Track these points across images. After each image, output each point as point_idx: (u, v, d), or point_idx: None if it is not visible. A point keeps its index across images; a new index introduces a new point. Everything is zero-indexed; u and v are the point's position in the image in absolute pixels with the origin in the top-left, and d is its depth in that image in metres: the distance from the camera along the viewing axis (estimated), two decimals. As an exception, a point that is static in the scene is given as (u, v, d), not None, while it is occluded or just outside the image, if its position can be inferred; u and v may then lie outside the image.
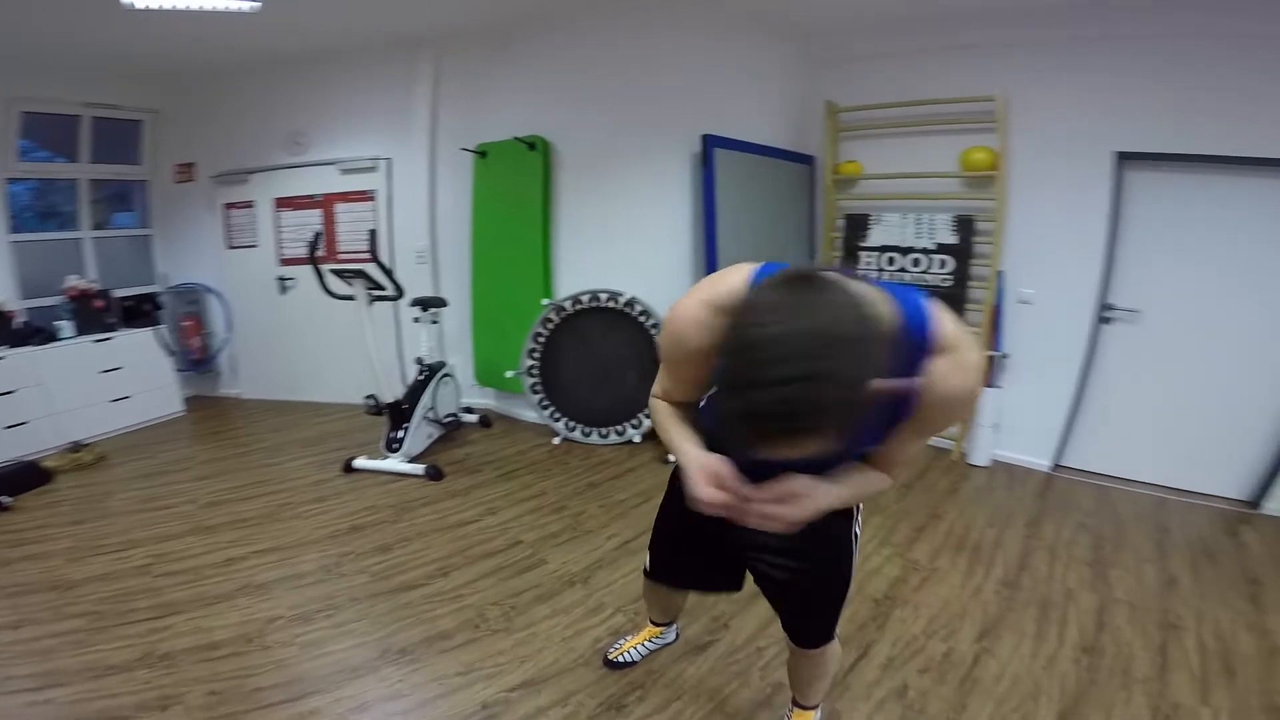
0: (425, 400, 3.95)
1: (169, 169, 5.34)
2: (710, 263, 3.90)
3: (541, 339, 4.16)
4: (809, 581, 1.48)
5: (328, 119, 4.91)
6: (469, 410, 4.56)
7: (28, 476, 3.66)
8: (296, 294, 5.06)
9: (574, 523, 3.11)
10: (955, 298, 4.02)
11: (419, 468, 3.66)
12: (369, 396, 3.93)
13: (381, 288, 3.87)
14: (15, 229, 4.61)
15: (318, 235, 4.02)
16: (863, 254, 4.29)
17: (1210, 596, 2.59)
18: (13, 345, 4.13)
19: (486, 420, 4.54)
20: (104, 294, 4.70)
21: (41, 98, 4.56)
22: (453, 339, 4.83)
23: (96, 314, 4.60)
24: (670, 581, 1.80)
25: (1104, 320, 3.74)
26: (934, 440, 4.18)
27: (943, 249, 4.05)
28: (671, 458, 1.27)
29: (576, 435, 4.16)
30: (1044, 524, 3.23)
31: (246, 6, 3.50)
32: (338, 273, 3.79)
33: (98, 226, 5.16)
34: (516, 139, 4.19)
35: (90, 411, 4.44)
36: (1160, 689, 2.01)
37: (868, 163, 4.31)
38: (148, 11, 3.45)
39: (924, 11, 3.77)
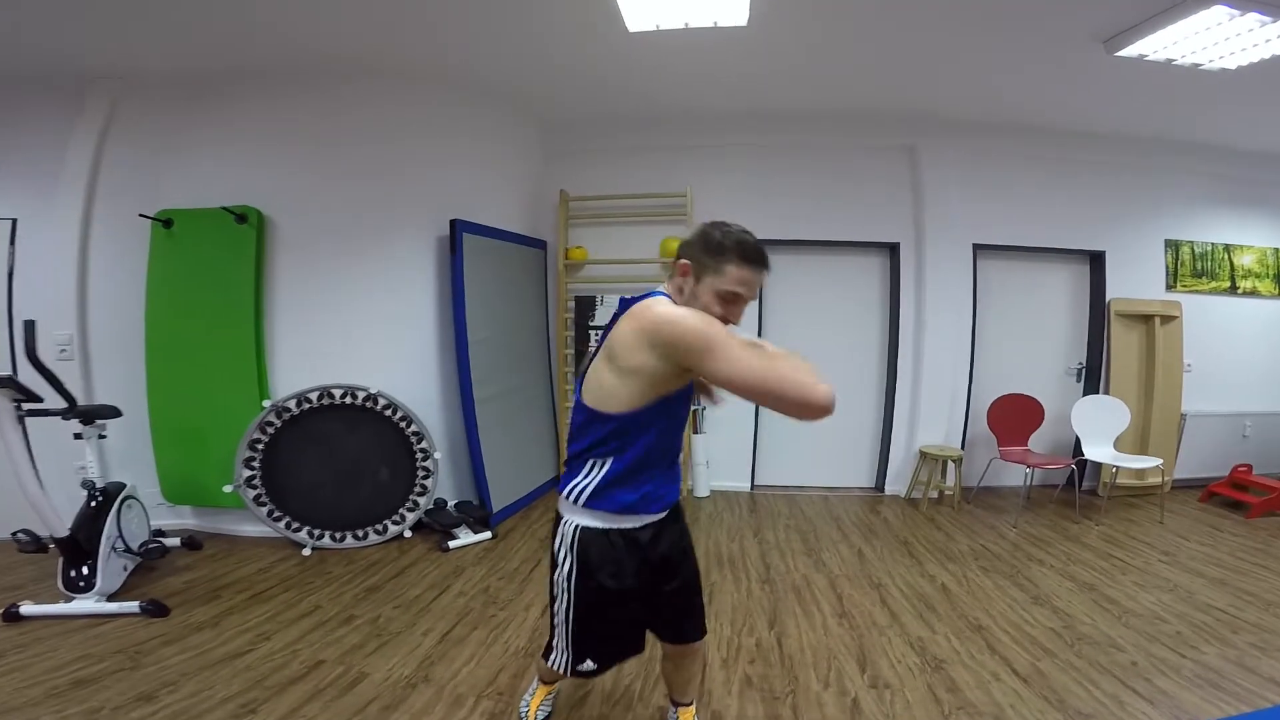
0: (109, 529, 3.12)
1: None
2: (461, 348, 3.98)
3: (261, 445, 3.66)
4: (692, 580, 1.80)
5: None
6: (161, 534, 3.67)
7: None
8: None
9: (374, 629, 2.83)
10: None
11: (132, 605, 2.86)
12: (20, 531, 2.98)
13: (36, 399, 3.04)
14: None
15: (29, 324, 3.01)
16: (592, 332, 4.88)
17: (887, 559, 3.70)
18: None
19: (195, 542, 3.70)
20: None
21: None
22: (120, 453, 3.88)
23: None
24: (606, 664, 1.69)
25: None
26: None
27: None
28: (453, 544, 1.53)
29: (327, 542, 3.70)
30: (765, 531, 4.17)
31: None
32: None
33: None
34: (223, 208, 3.72)
35: None
36: (901, 630, 2.85)
37: (592, 248, 4.97)
38: None
39: (638, 112, 4.66)
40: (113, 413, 3.46)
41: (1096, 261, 5.10)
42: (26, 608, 2.82)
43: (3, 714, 2.12)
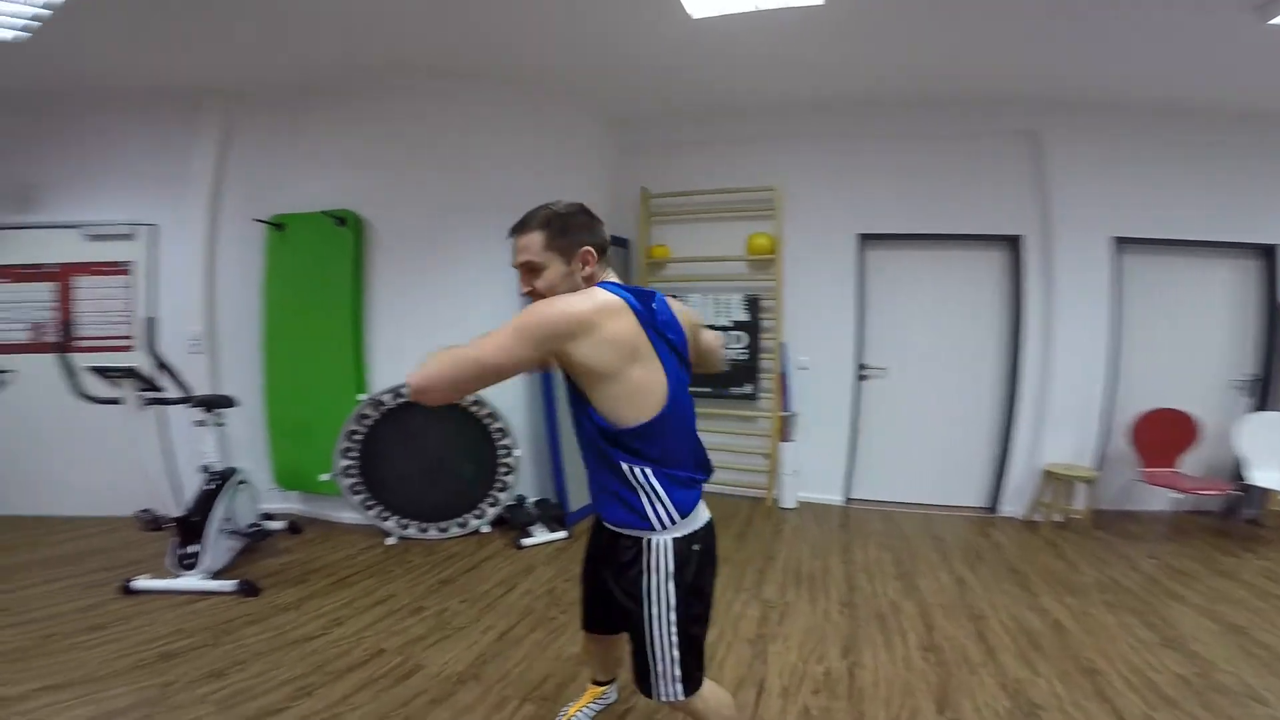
0: (219, 511, 3.39)
1: None
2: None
3: (358, 437, 3.84)
4: (635, 621, 1.51)
5: (74, 171, 4.15)
6: (269, 517, 3.97)
7: None
8: (20, 391, 4.03)
9: (439, 622, 2.89)
10: (750, 368, 4.74)
11: (228, 584, 3.10)
12: (143, 511, 3.28)
13: (158, 388, 3.35)
14: None
15: (67, 324, 3.38)
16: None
17: (993, 588, 3.31)
18: None
19: (297, 526, 3.98)
20: None
21: None
22: (242, 442, 4.22)
23: None
24: (589, 626, 1.89)
25: (862, 378, 4.68)
26: (750, 491, 4.80)
27: (738, 325, 4.75)
28: (528, 541, 1.46)
29: (413, 532, 3.86)
30: (854, 549, 3.86)
31: (10, 35, 3.01)
32: (101, 371, 3.21)
33: None
34: (324, 212, 3.95)
35: None
36: (998, 669, 2.51)
37: (675, 246, 4.88)
38: None
39: (716, 104, 4.48)
40: (227, 402, 3.77)
41: (1266, 257, 4.33)
42: (138, 582, 3.11)
43: (86, 683, 2.32)
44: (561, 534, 3.89)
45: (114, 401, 3.27)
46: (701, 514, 1.54)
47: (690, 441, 1.53)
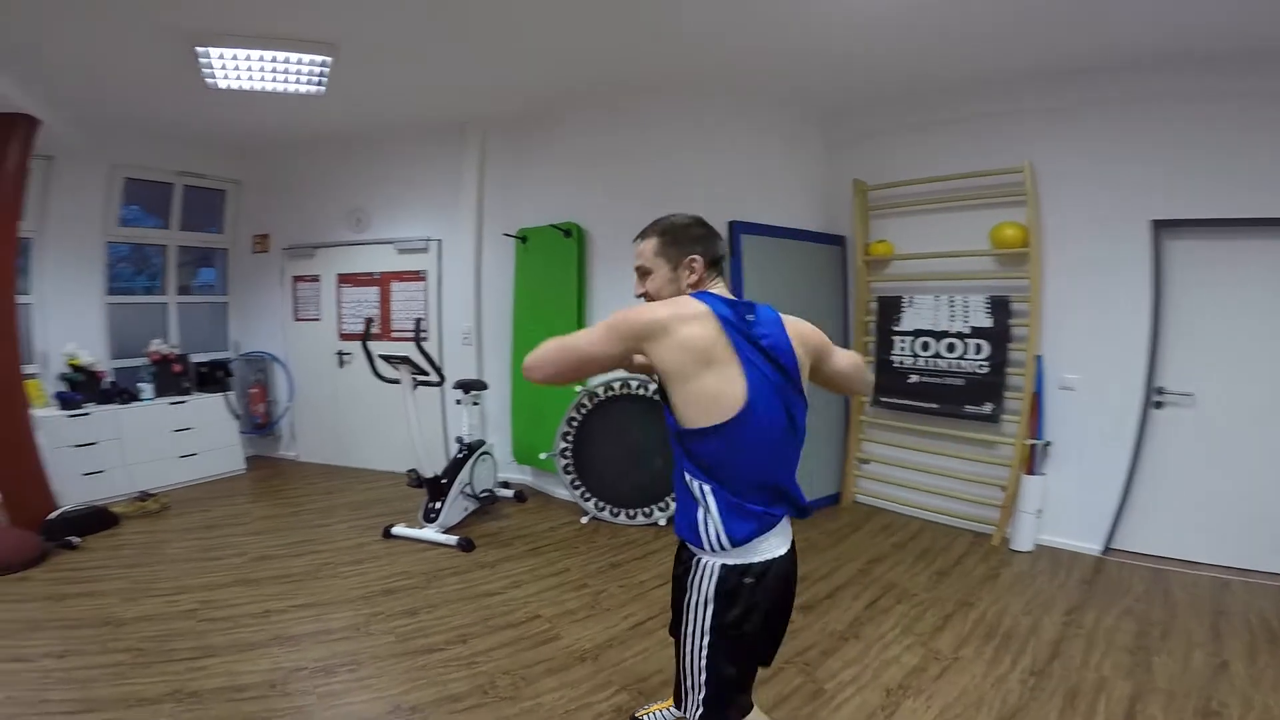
0: (463, 476, 4.14)
1: (247, 239, 5.88)
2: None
3: (575, 423, 4.34)
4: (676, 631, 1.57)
5: (387, 198, 5.35)
6: (505, 485, 4.73)
7: (97, 520, 3.99)
8: (354, 369, 5.40)
9: (593, 600, 3.19)
10: (992, 385, 4.00)
11: (452, 539, 3.81)
12: (411, 470, 4.14)
13: (425, 373, 4.18)
14: (112, 290, 5.16)
15: (370, 321, 4.40)
16: (895, 339, 4.32)
17: (1264, 682, 2.48)
18: (99, 403, 4.58)
19: (522, 496, 4.70)
20: (182, 359, 5.17)
21: (141, 165, 5.16)
22: (494, 419, 5.07)
23: (174, 378, 5.05)
24: (671, 629, 1.72)
25: (1156, 405, 3.69)
26: (974, 524, 4.18)
27: (977, 332, 4.03)
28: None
29: (605, 515, 4.27)
30: (1086, 610, 3.14)
31: (311, 90, 3.97)
32: (386, 358, 4.14)
33: (182, 291, 5.71)
34: (553, 225, 4.49)
35: (160, 465, 4.83)
36: None
37: (899, 242, 4.40)
38: (230, 91, 3.91)
39: (944, 80, 3.95)
40: (479, 385, 4.58)
41: None
42: (398, 529, 3.98)
43: (325, 605, 3.10)
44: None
45: (395, 382, 4.20)
46: (765, 547, 1.46)
47: (770, 463, 1.46)
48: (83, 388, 4.58)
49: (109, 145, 4.84)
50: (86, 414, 4.47)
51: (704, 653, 1.46)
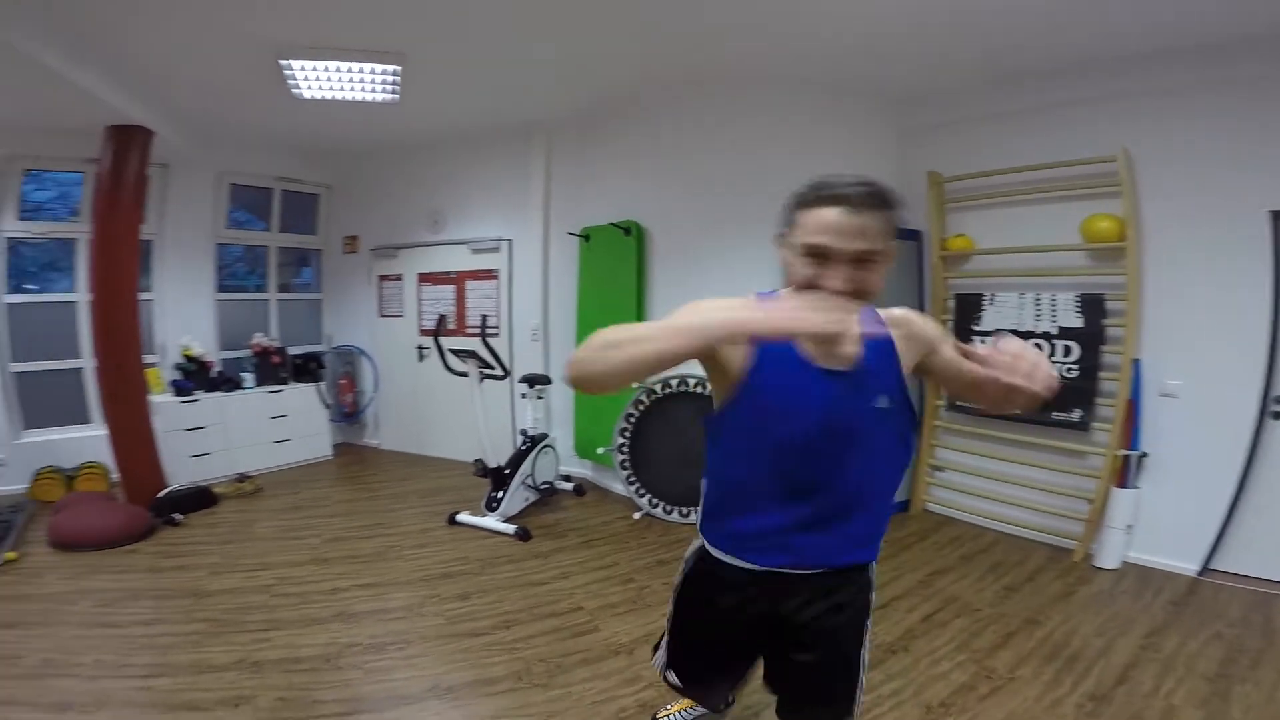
0: (525, 467, 4.27)
1: (339, 240, 6.29)
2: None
3: (632, 419, 4.37)
4: (829, 669, 1.39)
5: (461, 200, 5.58)
6: (567, 479, 4.84)
7: (199, 499, 4.39)
8: (432, 362, 5.64)
9: (636, 595, 3.22)
10: (1083, 390, 3.72)
11: (511, 528, 3.95)
12: (477, 460, 4.31)
13: (490, 367, 4.33)
14: (221, 288, 5.65)
15: (443, 317, 4.60)
16: (975, 339, 4.06)
17: None
18: (208, 390, 5.03)
19: (581, 489, 4.80)
20: (281, 351, 5.60)
21: (244, 171, 5.62)
22: (558, 413, 5.20)
23: (273, 368, 5.48)
24: (709, 691, 1.75)
25: (1275, 416, 3.32)
26: (1055, 539, 3.91)
27: (1066, 333, 3.77)
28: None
29: (658, 512, 4.29)
30: (1169, 633, 2.89)
31: (386, 98, 4.21)
32: (455, 352, 4.32)
33: (282, 289, 6.16)
34: (613, 224, 4.54)
35: (257, 449, 5.25)
36: None
37: (979, 236, 4.16)
38: (315, 100, 4.20)
39: (1027, 66, 3.72)
40: (544, 380, 4.70)
41: None
42: (462, 516, 4.16)
43: (386, 585, 3.29)
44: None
45: (464, 375, 4.39)
46: (739, 560, 1.33)
47: (780, 485, 1.23)
48: (194, 376, 5.06)
49: (215, 153, 5.29)
50: (196, 400, 4.93)
51: (669, 613, 1.61)
